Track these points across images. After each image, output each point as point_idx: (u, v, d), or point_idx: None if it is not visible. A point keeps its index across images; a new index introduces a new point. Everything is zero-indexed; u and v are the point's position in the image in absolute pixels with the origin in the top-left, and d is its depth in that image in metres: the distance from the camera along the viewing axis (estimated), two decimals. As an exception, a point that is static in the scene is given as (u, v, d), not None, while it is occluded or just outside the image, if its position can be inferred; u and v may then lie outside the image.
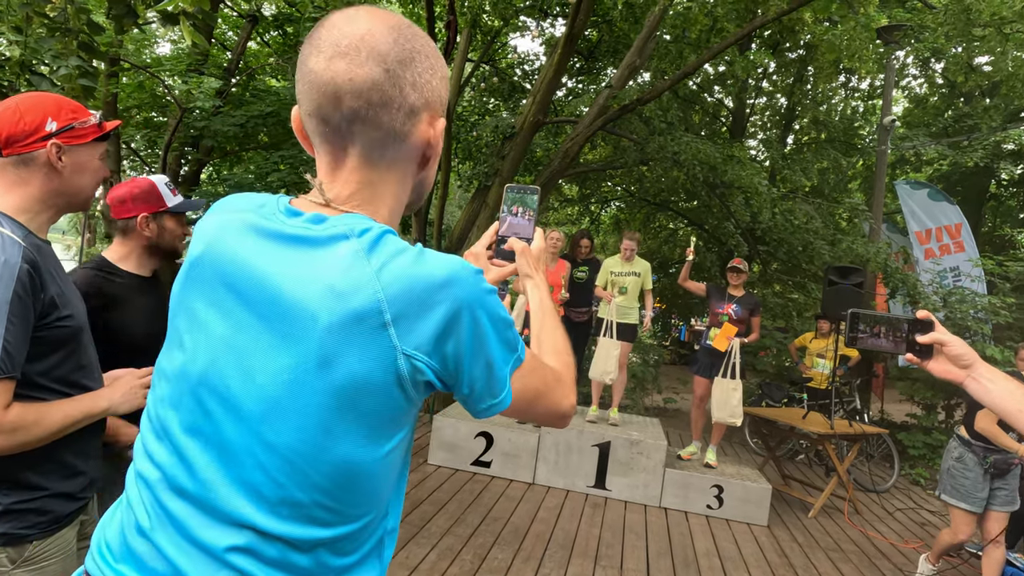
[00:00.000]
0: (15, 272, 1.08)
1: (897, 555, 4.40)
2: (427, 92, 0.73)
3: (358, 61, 0.68)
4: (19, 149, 1.17)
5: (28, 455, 1.16)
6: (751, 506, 4.76)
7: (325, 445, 0.66)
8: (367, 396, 0.66)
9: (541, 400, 0.80)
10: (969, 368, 1.09)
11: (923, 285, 7.35)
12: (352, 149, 0.73)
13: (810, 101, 12.96)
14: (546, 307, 0.97)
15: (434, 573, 3.28)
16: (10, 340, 1.07)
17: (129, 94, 7.47)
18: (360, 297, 0.64)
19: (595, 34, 9.79)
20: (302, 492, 0.67)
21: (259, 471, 0.67)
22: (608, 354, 5.10)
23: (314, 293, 0.66)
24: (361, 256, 0.66)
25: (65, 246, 27.14)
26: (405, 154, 0.75)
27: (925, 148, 9.48)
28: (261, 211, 0.74)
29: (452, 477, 4.91)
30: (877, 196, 8.32)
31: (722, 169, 7.68)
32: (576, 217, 15.32)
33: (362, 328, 0.64)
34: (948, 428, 7.16)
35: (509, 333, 0.73)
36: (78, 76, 2.64)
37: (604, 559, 3.75)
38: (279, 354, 0.67)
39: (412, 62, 0.71)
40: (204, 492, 0.69)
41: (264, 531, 0.67)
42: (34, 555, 1.19)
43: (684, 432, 7.90)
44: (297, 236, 0.69)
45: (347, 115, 0.70)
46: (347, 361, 0.65)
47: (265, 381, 0.67)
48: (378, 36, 0.69)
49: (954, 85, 12.14)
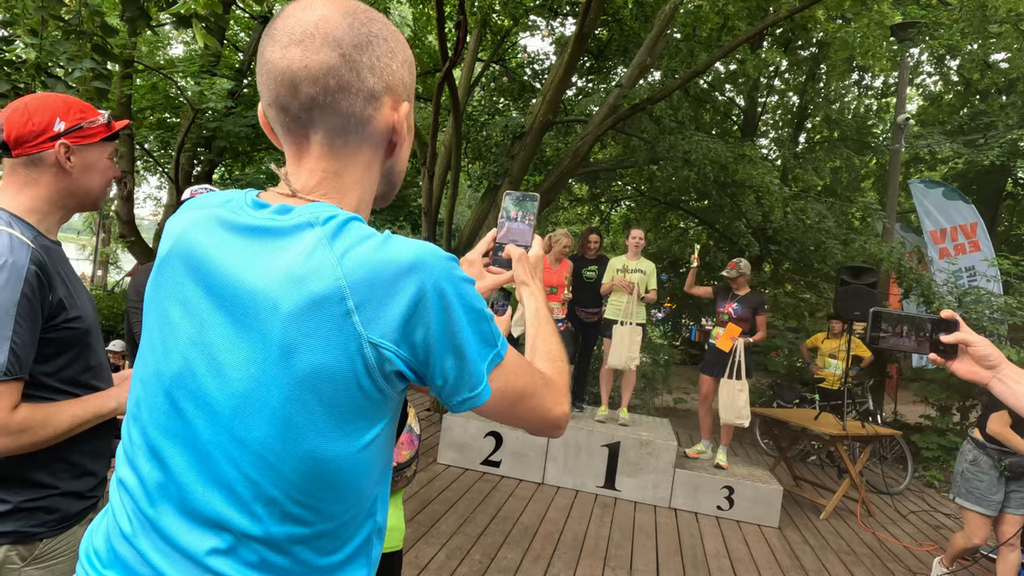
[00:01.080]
0: (23, 274, 1.09)
1: (910, 558, 4.36)
2: (387, 76, 0.72)
3: (313, 48, 0.68)
4: (28, 149, 1.18)
5: (37, 454, 1.17)
6: (762, 507, 4.72)
7: (293, 439, 0.65)
8: (332, 387, 0.64)
9: (526, 402, 0.77)
10: (995, 369, 1.06)
11: (938, 285, 7.26)
12: (314, 137, 0.72)
13: (822, 99, 12.84)
14: (542, 315, 0.96)
15: (443, 572, 3.28)
16: (17, 342, 1.07)
17: (143, 95, 7.55)
18: (320, 282, 0.63)
19: (605, 33, 9.77)
20: (275, 488, 0.66)
21: (233, 469, 0.66)
22: (632, 341, 5.08)
23: (274, 281, 0.65)
24: (323, 243, 0.65)
25: (80, 246, 27.45)
26: (369, 140, 0.74)
27: (940, 146, 9.35)
28: (228, 205, 0.73)
29: (461, 477, 4.92)
30: (891, 195, 8.23)
31: (733, 168, 7.63)
32: (586, 216, 15.30)
33: (323, 315, 0.63)
34: (963, 430, 7.07)
35: (485, 326, 0.71)
36: (92, 78, 2.67)
37: (613, 560, 3.74)
38: (244, 347, 0.66)
39: (369, 46, 0.71)
40: (181, 495, 0.68)
41: (241, 531, 0.67)
42: (44, 553, 1.20)
43: (694, 432, 7.86)
44: (261, 227, 0.69)
45: (305, 103, 0.69)
46: (309, 350, 0.63)
47: (234, 376, 0.66)
48: (333, 22, 0.69)
49: (969, 82, 11.99)
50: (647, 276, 5.24)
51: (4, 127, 1.17)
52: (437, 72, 6.50)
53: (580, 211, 15.23)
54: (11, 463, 1.16)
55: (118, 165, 1.31)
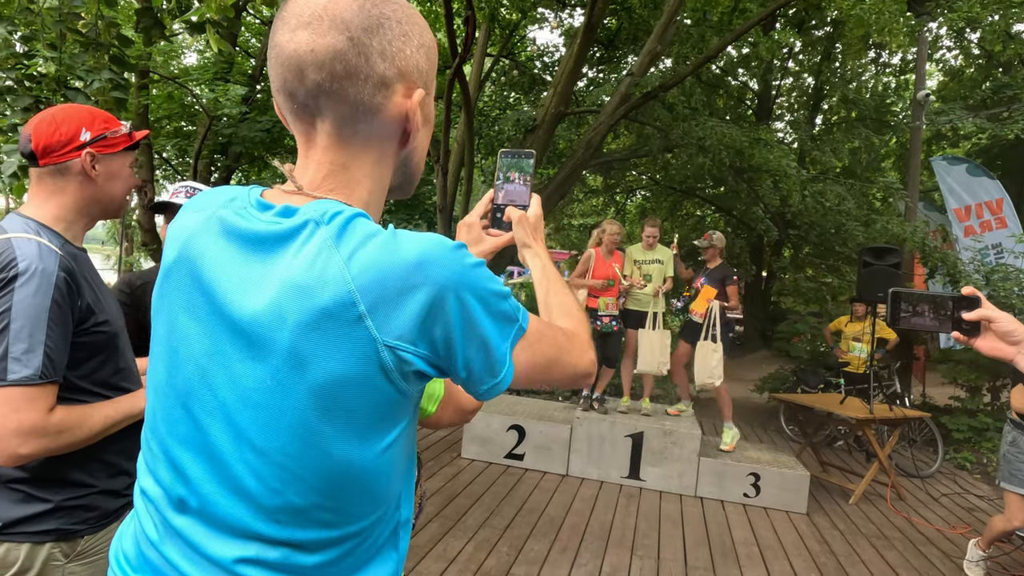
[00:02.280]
0: (52, 280, 1.12)
1: (944, 541, 4.29)
2: (399, 61, 0.68)
3: (320, 30, 0.64)
4: (55, 159, 1.22)
5: (75, 455, 1.21)
6: (789, 494, 4.68)
7: (316, 448, 0.64)
8: (351, 394, 0.63)
9: (556, 366, 0.76)
10: (1019, 344, 1.04)
11: (963, 263, 7.12)
12: (321, 126, 0.68)
13: (839, 79, 12.62)
14: (549, 272, 0.93)
15: (471, 565, 3.31)
16: (51, 346, 1.11)
17: (159, 105, 7.67)
18: (329, 291, 0.60)
19: (614, 22, 9.69)
20: (300, 497, 0.65)
21: (255, 479, 0.65)
22: (663, 345, 5.07)
23: (281, 292, 0.62)
24: (329, 245, 0.62)
25: (105, 256, 28.01)
26: (380, 130, 0.70)
27: (962, 122, 9.13)
28: (231, 205, 0.70)
29: (486, 470, 4.95)
30: (912, 174, 8.07)
31: (749, 153, 7.54)
32: (601, 208, 15.22)
33: (335, 324, 0.61)
34: (994, 410, 6.93)
35: (503, 305, 0.68)
36: (111, 89, 2.72)
37: (641, 549, 3.74)
38: (256, 360, 0.64)
39: (380, 28, 0.66)
40: (204, 505, 0.67)
41: (268, 537, 0.66)
42: (86, 549, 1.25)
43: (717, 421, 7.81)
44: (265, 234, 0.65)
45: (311, 89, 0.66)
46: (323, 360, 0.61)
47: (248, 387, 0.64)
48: (343, 3, 0.65)
49: (991, 55, 11.68)
50: (665, 265, 5.20)
51: (32, 137, 1.21)
52: (447, 69, 6.50)
53: (595, 202, 15.17)
54: (50, 464, 1.20)
55: (138, 175, 1.35)
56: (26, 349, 1.08)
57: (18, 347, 1.08)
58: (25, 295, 1.09)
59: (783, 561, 3.75)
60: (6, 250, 1.12)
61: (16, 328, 1.08)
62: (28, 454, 1.11)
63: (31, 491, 1.20)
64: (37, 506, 1.19)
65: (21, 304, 1.09)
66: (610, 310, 5.13)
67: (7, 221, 1.21)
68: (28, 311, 1.09)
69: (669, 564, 3.57)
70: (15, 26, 2.69)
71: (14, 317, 1.08)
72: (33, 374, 1.09)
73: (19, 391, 1.08)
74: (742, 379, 10.65)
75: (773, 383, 8.57)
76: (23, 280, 1.10)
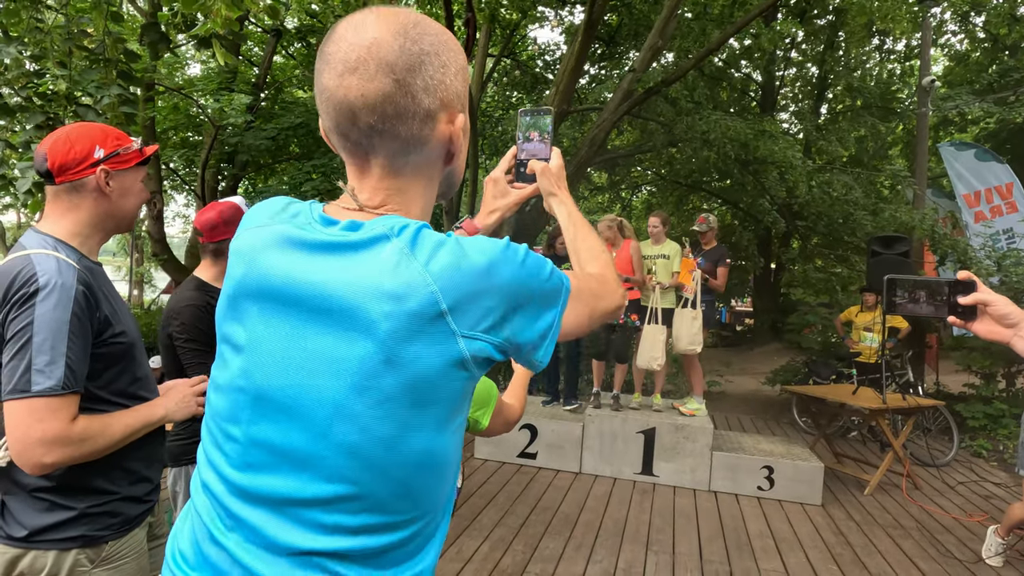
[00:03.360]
0: (71, 294, 1.16)
1: (961, 529, 4.27)
2: (441, 92, 0.73)
3: (368, 75, 0.68)
4: (71, 176, 1.26)
5: (97, 463, 1.25)
6: (803, 486, 4.67)
7: (401, 437, 0.68)
8: (437, 385, 0.68)
9: (596, 312, 0.84)
10: (1016, 327, 1.04)
11: (974, 250, 7.06)
12: (375, 160, 0.74)
13: (843, 68, 12.53)
14: (575, 218, 1.01)
15: (487, 564, 3.34)
16: (72, 357, 1.15)
17: (165, 116, 7.75)
18: (417, 295, 0.65)
19: (615, 18, 9.68)
20: (380, 486, 0.69)
21: (332, 472, 0.69)
22: (655, 340, 5.07)
23: (369, 296, 0.66)
24: (406, 254, 0.67)
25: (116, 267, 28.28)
26: (428, 156, 0.76)
27: (969, 107, 9.06)
28: (295, 221, 0.74)
29: (499, 470, 4.97)
30: (920, 161, 8.01)
31: (754, 145, 7.52)
32: (607, 204, 15.20)
33: (422, 324, 0.66)
34: (1009, 397, 6.87)
35: (552, 282, 0.75)
36: (119, 104, 2.77)
37: (656, 544, 3.75)
38: (341, 359, 0.68)
39: (422, 66, 0.71)
40: (276, 499, 0.70)
41: (345, 527, 0.69)
42: (111, 555, 1.28)
43: (730, 415, 7.80)
44: (338, 243, 0.70)
45: (364, 130, 0.71)
46: (413, 357, 0.66)
47: (330, 386, 0.68)
48: (384, 46, 0.69)
49: (997, 38, 11.57)
50: (671, 260, 5.20)
51: (48, 156, 1.25)
52: (449, 71, 6.51)
53: (601, 199, 15.15)
54: (73, 472, 1.23)
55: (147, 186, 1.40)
56: (48, 361, 1.12)
57: (41, 359, 1.11)
58: (46, 309, 1.13)
59: (799, 553, 3.75)
60: (26, 266, 1.16)
61: (39, 341, 1.12)
62: (52, 463, 1.14)
63: (56, 499, 1.23)
64: (62, 514, 1.23)
65: (42, 318, 1.13)
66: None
67: (25, 238, 1.25)
68: (49, 324, 1.13)
69: (684, 559, 3.58)
70: (25, 45, 2.74)
71: (36, 331, 1.12)
72: (56, 385, 1.12)
73: (43, 402, 1.11)
74: (753, 372, 10.61)
75: (785, 375, 8.54)
76: (44, 295, 1.13)
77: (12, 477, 1.23)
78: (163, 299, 15.25)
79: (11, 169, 2.58)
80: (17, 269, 1.16)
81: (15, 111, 2.78)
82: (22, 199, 2.41)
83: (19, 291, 1.14)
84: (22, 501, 1.23)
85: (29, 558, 1.22)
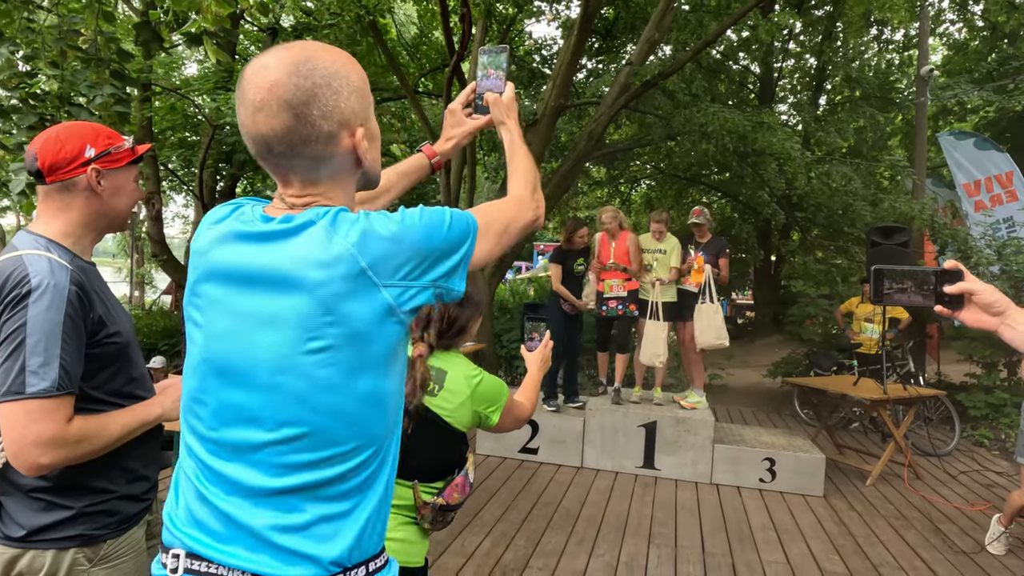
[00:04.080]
0: (64, 295, 1.15)
1: (963, 519, 4.27)
2: (337, 115, 0.86)
3: (272, 113, 0.82)
4: (61, 176, 1.25)
5: (94, 463, 1.24)
6: (805, 477, 4.67)
7: (347, 382, 0.82)
8: (372, 334, 0.82)
9: (506, 237, 0.99)
10: (1002, 315, 1.05)
11: (974, 239, 7.04)
12: (294, 176, 0.89)
13: (841, 58, 12.48)
14: (515, 144, 1.19)
15: (489, 559, 3.34)
16: (66, 358, 1.14)
17: (162, 117, 7.73)
18: (343, 261, 0.80)
19: (611, 12, 9.64)
20: (328, 422, 0.82)
21: (284, 417, 0.82)
22: (656, 336, 5.06)
23: (307, 266, 0.80)
24: (330, 231, 0.82)
25: (116, 269, 28.29)
26: (339, 167, 0.90)
27: (968, 96, 9.02)
28: (241, 219, 0.89)
29: (501, 465, 4.98)
30: (919, 150, 7.99)
31: (752, 137, 7.48)
32: (606, 199, 15.17)
33: (350, 282, 0.80)
34: (1011, 386, 6.87)
35: (453, 233, 0.89)
36: (113, 103, 2.75)
37: (658, 537, 3.75)
38: (283, 317, 0.81)
39: (315, 99, 0.83)
40: (243, 447, 0.83)
41: (303, 463, 0.82)
42: (109, 554, 1.28)
43: (731, 407, 7.80)
44: (277, 232, 0.84)
45: (278, 156, 0.86)
46: (349, 312, 0.80)
47: (275, 341, 0.81)
48: (281, 86, 0.82)
49: (996, 26, 11.51)
50: (668, 255, 5.19)
51: (38, 156, 1.24)
52: (446, 67, 6.51)
53: (599, 194, 15.11)
54: (71, 472, 1.22)
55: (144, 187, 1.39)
56: (42, 363, 1.11)
57: (35, 361, 1.11)
58: (39, 310, 1.13)
59: (801, 544, 3.75)
60: (18, 267, 1.15)
61: (32, 343, 1.11)
62: (48, 463, 1.14)
63: (53, 499, 1.23)
64: (59, 513, 1.22)
65: (35, 319, 1.12)
66: (615, 292, 5.12)
67: (17, 239, 1.24)
68: (43, 326, 1.12)
69: (687, 551, 3.58)
70: (17, 46, 2.72)
71: (29, 332, 1.11)
72: (50, 386, 1.12)
73: (37, 403, 1.11)
74: (754, 365, 10.60)
75: (786, 367, 8.53)
76: (36, 296, 1.13)
77: (8, 478, 1.22)
78: (164, 300, 15.25)
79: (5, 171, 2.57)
80: (9, 270, 1.15)
81: (8, 112, 2.77)
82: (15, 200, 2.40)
83: (11, 292, 1.13)
84: (19, 501, 1.23)
85: (27, 558, 1.21)
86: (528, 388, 1.58)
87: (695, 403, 5.17)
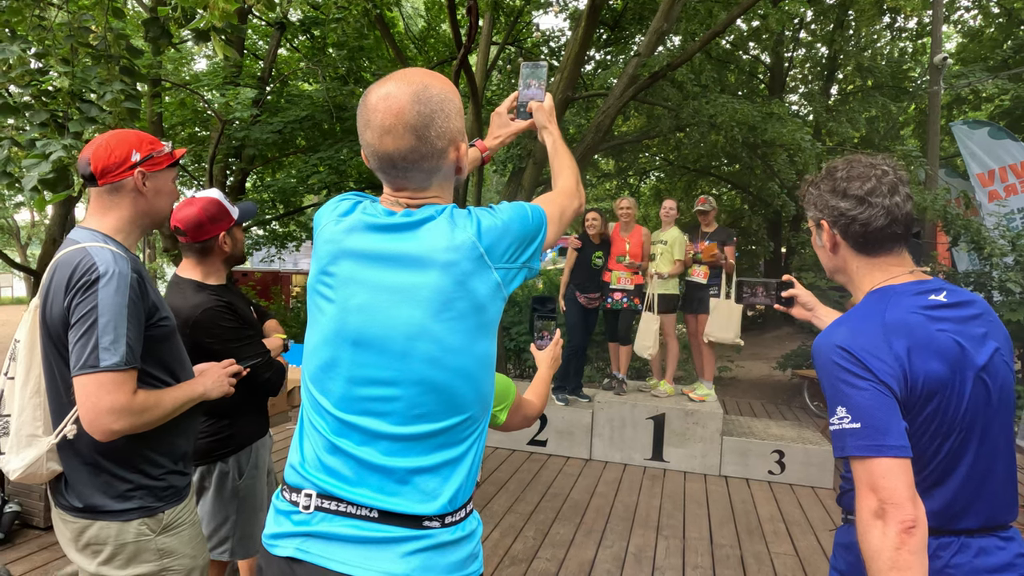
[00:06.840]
0: (128, 280, 1.30)
1: (974, 511, 4.24)
2: (447, 134, 1.04)
3: (398, 135, 1.00)
4: (111, 178, 1.39)
5: (148, 439, 1.38)
6: (814, 469, 4.66)
7: (471, 346, 1.00)
8: (488, 306, 1.01)
9: (564, 222, 1.21)
10: (813, 311, 1.58)
11: (987, 230, 6.95)
12: (409, 185, 1.07)
13: (853, 47, 12.32)
14: (558, 145, 1.40)
15: (499, 550, 3.36)
16: (131, 337, 1.29)
17: (172, 112, 7.77)
18: (467, 246, 1.00)
19: (619, 2, 9.57)
20: (455, 381, 1.00)
21: (418, 374, 0.98)
22: (647, 330, 5.05)
23: (436, 250, 0.99)
24: (451, 224, 1.02)
25: (129, 263, 28.52)
26: (444, 174, 1.09)
27: (983, 84, 8.89)
28: (366, 212, 1.07)
29: (510, 457, 5.00)
30: (932, 140, 7.89)
31: (762, 128, 7.42)
32: (615, 191, 15.11)
33: (473, 263, 1.00)
34: (1021, 378, 6.80)
35: (534, 223, 1.09)
36: (123, 100, 2.78)
37: (666, 529, 3.76)
38: (420, 289, 0.98)
39: (433, 121, 1.01)
40: (378, 403, 0.99)
41: (429, 414, 0.99)
42: (170, 522, 1.42)
43: (740, 400, 7.78)
44: (404, 223, 1.03)
45: (400, 170, 1.04)
46: (474, 286, 1.00)
47: (412, 313, 0.98)
48: (406, 112, 0.99)
49: (1011, 13, 11.32)
50: (669, 246, 5.14)
51: (91, 161, 1.38)
52: (453, 60, 6.49)
53: (608, 186, 15.06)
54: (128, 448, 1.36)
55: None
56: (113, 340, 1.25)
57: (106, 338, 1.25)
58: (108, 294, 1.27)
59: (810, 536, 3.74)
60: (84, 257, 1.30)
61: (103, 323, 1.25)
62: (119, 430, 1.28)
63: (115, 473, 1.36)
64: (120, 486, 1.36)
65: (105, 302, 1.26)
66: (621, 284, 5.11)
67: (75, 233, 1.39)
68: (112, 308, 1.26)
69: (695, 543, 3.59)
70: (28, 43, 2.75)
71: (101, 313, 1.26)
72: (120, 361, 1.26)
73: (110, 376, 1.25)
74: (765, 357, 10.56)
75: (796, 359, 8.49)
76: (104, 281, 1.27)
77: (75, 449, 1.35)
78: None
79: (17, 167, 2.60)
80: (77, 259, 1.30)
81: (21, 109, 2.80)
82: (28, 196, 2.44)
83: (82, 278, 1.27)
84: (83, 475, 1.36)
85: (95, 528, 1.35)
86: (538, 386, 1.63)
87: (704, 395, 5.16)
